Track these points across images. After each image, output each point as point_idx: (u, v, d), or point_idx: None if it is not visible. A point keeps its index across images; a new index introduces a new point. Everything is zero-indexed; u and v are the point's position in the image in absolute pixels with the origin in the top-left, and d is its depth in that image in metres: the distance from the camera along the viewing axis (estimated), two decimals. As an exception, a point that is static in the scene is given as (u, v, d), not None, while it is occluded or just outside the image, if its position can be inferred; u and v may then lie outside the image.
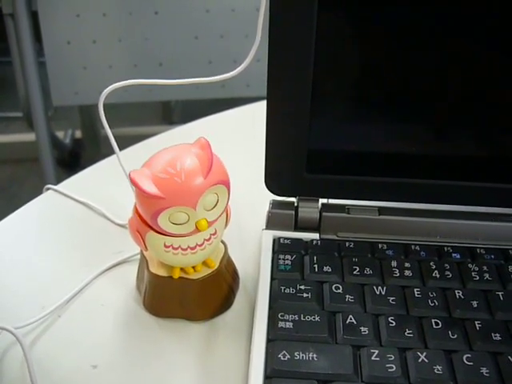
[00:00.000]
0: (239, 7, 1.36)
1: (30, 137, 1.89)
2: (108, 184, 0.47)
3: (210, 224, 0.32)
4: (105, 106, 0.40)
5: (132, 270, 0.39)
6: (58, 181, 1.30)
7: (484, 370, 0.31)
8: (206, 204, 0.32)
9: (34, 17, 1.33)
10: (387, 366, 0.31)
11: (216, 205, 0.32)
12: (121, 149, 0.42)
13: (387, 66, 0.36)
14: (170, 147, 0.33)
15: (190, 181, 0.31)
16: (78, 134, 2.05)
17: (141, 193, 0.31)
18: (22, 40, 1.32)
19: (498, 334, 0.32)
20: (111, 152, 0.42)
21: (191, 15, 1.35)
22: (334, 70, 0.36)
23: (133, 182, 0.31)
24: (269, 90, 0.37)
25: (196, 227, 0.32)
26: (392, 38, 0.35)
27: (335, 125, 0.38)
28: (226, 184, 0.33)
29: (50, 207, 0.46)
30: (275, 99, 0.37)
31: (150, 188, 0.31)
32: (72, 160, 1.99)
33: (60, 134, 1.94)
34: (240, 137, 0.54)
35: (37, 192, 0.50)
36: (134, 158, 0.35)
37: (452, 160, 0.38)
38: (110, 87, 0.39)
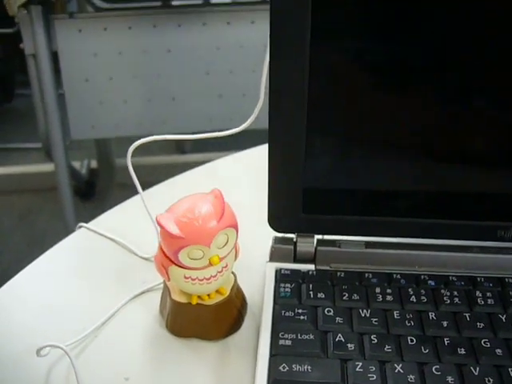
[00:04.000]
0: (247, 44, 1.41)
1: (46, 167, 1.96)
2: (133, 222, 0.54)
3: (221, 259, 0.39)
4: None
5: (155, 298, 0.45)
6: (75, 210, 1.38)
7: (450, 379, 0.36)
8: (218, 243, 0.39)
9: (54, 55, 1.40)
10: (369, 375, 0.37)
11: (226, 243, 0.39)
12: (138, 177, 0.46)
13: (375, 114, 0.43)
14: (190, 196, 0.40)
15: (205, 224, 0.38)
16: (94, 163, 2.11)
17: (166, 233, 0.38)
18: (43, 79, 1.37)
19: (463, 349, 0.38)
20: (125, 182, 0.47)
21: (202, 52, 1.42)
22: (326, 128, 0.43)
23: (159, 224, 0.38)
24: (270, 145, 0.43)
25: (209, 262, 0.39)
26: (382, 80, 0.42)
27: (327, 173, 0.45)
28: (235, 227, 0.39)
29: (83, 243, 0.53)
30: (275, 150, 0.43)
31: (174, 229, 0.38)
32: (88, 189, 2.05)
33: (76, 164, 1.99)
34: (249, 178, 0.60)
35: (54, 220, 0.56)
36: (155, 198, 0.41)
37: (427, 200, 0.45)
38: (137, 142, 0.45)
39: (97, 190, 2.08)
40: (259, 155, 0.47)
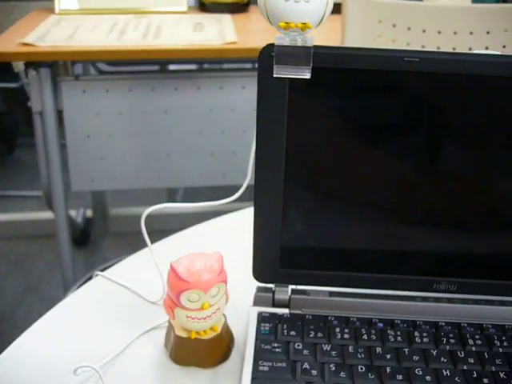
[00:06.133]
0: (238, 107, 1.54)
1: (43, 215, 2.05)
2: (142, 271, 0.65)
3: (211, 306, 0.51)
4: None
5: (161, 334, 0.56)
6: (72, 257, 1.48)
7: (388, 398, 0.48)
8: (211, 293, 0.50)
9: (59, 112, 1.50)
10: (327, 394, 0.48)
11: (217, 294, 0.51)
12: (131, 226, 0.57)
13: (337, 194, 0.55)
14: (199, 253, 0.51)
15: (207, 275, 0.50)
16: (89, 212, 2.21)
17: (175, 276, 0.49)
18: (48, 135, 1.48)
19: (400, 376, 0.50)
20: (119, 230, 0.59)
21: (196, 114, 1.54)
22: (298, 200, 0.55)
23: (172, 269, 0.50)
24: (255, 213, 0.55)
25: (202, 306, 0.50)
26: (346, 162, 0.54)
27: (299, 237, 0.56)
28: (226, 283, 0.52)
29: (100, 288, 0.64)
30: (259, 217, 0.55)
31: (184, 273, 0.49)
32: (83, 237, 2.14)
33: (72, 213, 2.06)
34: (239, 237, 0.70)
35: (50, 267, 0.66)
36: (163, 251, 0.52)
37: (378, 258, 0.57)
38: (150, 209, 0.57)
39: (91, 239, 2.17)
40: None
